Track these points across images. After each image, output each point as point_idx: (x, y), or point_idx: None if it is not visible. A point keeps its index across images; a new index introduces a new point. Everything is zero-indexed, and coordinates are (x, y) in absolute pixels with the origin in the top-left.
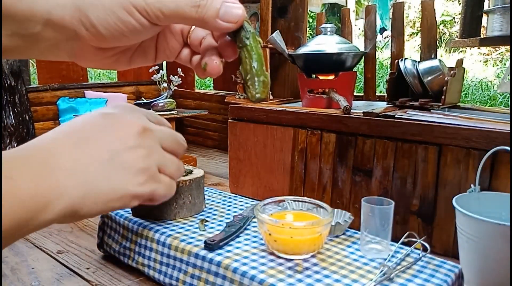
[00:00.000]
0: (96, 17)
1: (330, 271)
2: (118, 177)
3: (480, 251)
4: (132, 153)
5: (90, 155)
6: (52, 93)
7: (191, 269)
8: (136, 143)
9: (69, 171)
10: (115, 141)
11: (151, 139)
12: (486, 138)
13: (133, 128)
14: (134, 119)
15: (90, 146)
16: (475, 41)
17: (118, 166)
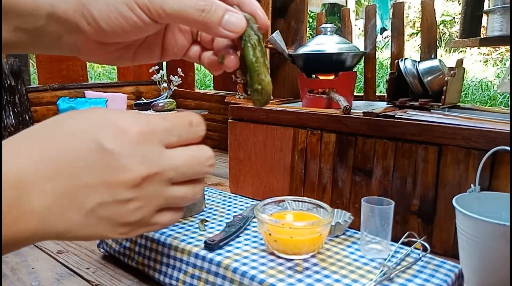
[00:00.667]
0: (98, 11)
1: (330, 271)
2: (97, 228)
3: (480, 251)
4: (119, 207)
5: (70, 200)
6: (52, 93)
7: (191, 269)
8: (128, 197)
9: (41, 216)
10: (102, 190)
11: (154, 186)
12: (486, 138)
13: (130, 178)
14: (135, 164)
15: (71, 190)
16: (475, 41)
17: (99, 219)
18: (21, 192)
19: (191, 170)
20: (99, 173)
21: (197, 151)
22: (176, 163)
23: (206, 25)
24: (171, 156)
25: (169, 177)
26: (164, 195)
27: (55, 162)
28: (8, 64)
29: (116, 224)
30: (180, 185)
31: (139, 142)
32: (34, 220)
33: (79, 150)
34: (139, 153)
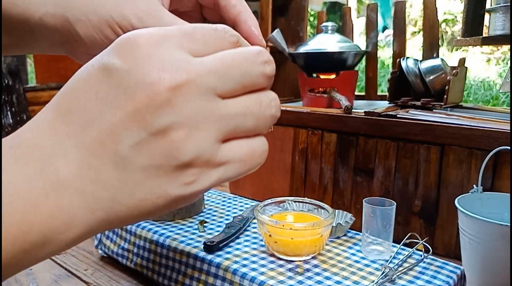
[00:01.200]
0: (83, 32)
1: (331, 273)
2: (151, 185)
3: (483, 252)
4: (160, 142)
5: (99, 154)
6: (50, 93)
7: (190, 270)
8: (163, 123)
9: (75, 188)
10: (129, 126)
11: (192, 99)
12: (489, 138)
13: (152, 94)
14: (153, 73)
15: (96, 139)
16: (477, 40)
17: (144, 169)
18: (43, 161)
19: (238, 69)
20: (116, 104)
21: (239, 49)
22: (214, 64)
23: None
24: (203, 59)
25: (210, 85)
26: (215, 112)
27: (66, 112)
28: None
29: (170, 170)
30: (235, 97)
31: (152, 47)
32: (69, 195)
33: (88, 86)
34: (154, 59)
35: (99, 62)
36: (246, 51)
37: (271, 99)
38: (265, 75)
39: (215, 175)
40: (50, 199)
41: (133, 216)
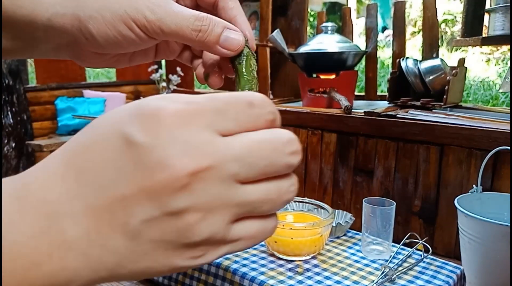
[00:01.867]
0: (96, 29)
1: (331, 273)
2: (156, 257)
3: (482, 252)
4: (173, 222)
5: (109, 221)
6: (50, 93)
7: (190, 270)
8: (179, 206)
9: (80, 249)
10: (143, 202)
11: (211, 186)
12: (488, 138)
13: (171, 177)
14: (175, 156)
15: (107, 206)
16: (477, 40)
17: (152, 242)
18: (50, 219)
19: (264, 159)
20: (133, 178)
21: (270, 134)
22: (238, 151)
23: (203, 44)
24: (229, 143)
25: (232, 172)
26: (233, 198)
27: (79, 174)
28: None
29: (178, 247)
30: (256, 183)
31: (178, 127)
32: (73, 256)
33: (105, 152)
34: (178, 140)
35: (119, 129)
36: (276, 139)
37: (291, 184)
38: (290, 166)
39: (223, 250)
40: (54, 259)
41: (135, 277)
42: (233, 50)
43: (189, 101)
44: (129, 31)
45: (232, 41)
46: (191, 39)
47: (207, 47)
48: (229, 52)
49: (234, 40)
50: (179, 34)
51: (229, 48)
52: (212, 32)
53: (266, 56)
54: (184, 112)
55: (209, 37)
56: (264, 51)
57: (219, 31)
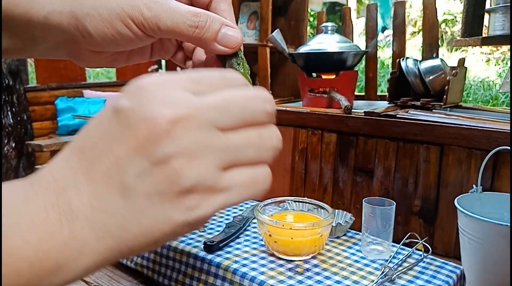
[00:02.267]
0: (93, 27)
1: (331, 272)
2: (155, 212)
3: (482, 252)
4: (162, 171)
5: (108, 185)
6: (50, 93)
7: (190, 270)
8: (164, 152)
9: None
10: (134, 158)
11: (193, 132)
12: (488, 138)
13: (154, 128)
14: (156, 110)
15: (105, 172)
16: (477, 40)
17: (148, 197)
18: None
19: (240, 107)
20: (122, 139)
21: (242, 90)
22: (214, 101)
23: (201, 41)
24: (205, 97)
25: (211, 120)
26: (215, 143)
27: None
28: (6, 63)
29: (173, 196)
30: (237, 130)
31: (158, 90)
32: (80, 224)
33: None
34: (158, 98)
35: (111, 104)
36: (247, 91)
37: (272, 132)
38: (265, 112)
39: (218, 200)
40: (65, 228)
41: (141, 244)
42: (231, 47)
43: (166, 75)
44: (126, 29)
45: (230, 38)
46: (188, 35)
47: (205, 44)
48: (226, 49)
49: (232, 37)
50: (176, 31)
51: (227, 45)
52: (210, 29)
53: (266, 56)
54: (162, 79)
55: (207, 34)
56: (264, 51)
57: (216, 27)
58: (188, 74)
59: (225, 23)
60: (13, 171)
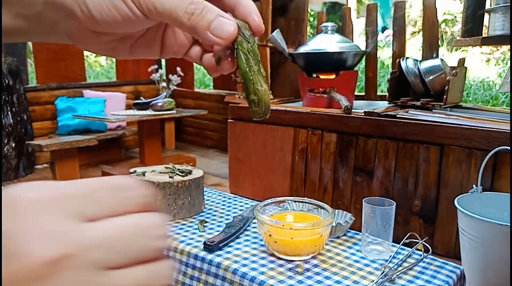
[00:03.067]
0: (91, 2)
1: (331, 273)
2: None
3: (482, 252)
4: None
5: None
6: (50, 93)
7: (191, 270)
8: None
9: None
10: None
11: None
12: (488, 138)
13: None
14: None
15: None
16: (477, 40)
17: None
18: None
19: (129, 245)
20: (5, 267)
21: (135, 219)
22: (102, 238)
23: (194, 29)
24: (93, 229)
25: (96, 259)
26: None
27: None
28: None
29: None
30: (125, 268)
31: (38, 214)
32: None
33: None
34: (37, 228)
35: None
36: (143, 223)
37: (162, 268)
38: (155, 250)
39: None
40: None
41: None
42: (222, 38)
43: (50, 188)
44: (123, 4)
45: (222, 29)
46: (182, 21)
47: (198, 33)
48: (219, 40)
49: (224, 28)
50: (172, 15)
51: (219, 35)
52: (204, 17)
53: (266, 56)
54: (44, 198)
55: (200, 22)
56: (264, 51)
57: (211, 17)
58: (76, 188)
59: (221, 14)
60: (13, 171)
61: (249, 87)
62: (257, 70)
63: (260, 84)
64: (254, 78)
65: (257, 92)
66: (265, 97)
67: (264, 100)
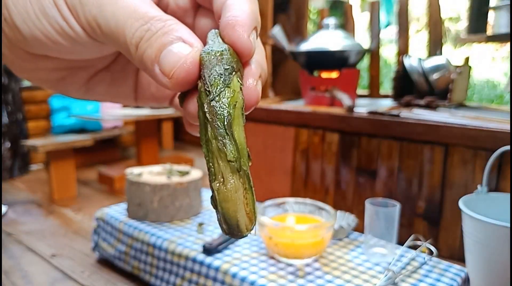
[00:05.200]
0: (13, 3)
1: (333, 276)
2: None
3: (487, 255)
4: None
5: None
6: (45, 92)
7: (189, 273)
8: None
9: None
10: None
11: None
12: (494, 138)
13: None
14: None
15: None
16: (482, 37)
17: None
18: None
19: None
20: None
21: None
22: None
23: (141, 63)
24: None
25: None
26: None
27: None
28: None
29: None
30: None
31: None
32: None
33: None
34: None
35: None
36: None
37: None
38: None
39: None
40: None
41: None
42: (167, 77)
43: None
44: (55, 11)
45: (167, 62)
46: (129, 52)
47: (145, 69)
48: (165, 81)
49: (169, 61)
50: (120, 40)
51: (164, 71)
52: (156, 41)
53: (266, 54)
54: None
55: (148, 50)
56: (264, 49)
57: (165, 40)
58: None
59: (184, 37)
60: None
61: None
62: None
63: (221, 176)
64: (211, 162)
65: (213, 189)
66: (225, 204)
67: (223, 208)
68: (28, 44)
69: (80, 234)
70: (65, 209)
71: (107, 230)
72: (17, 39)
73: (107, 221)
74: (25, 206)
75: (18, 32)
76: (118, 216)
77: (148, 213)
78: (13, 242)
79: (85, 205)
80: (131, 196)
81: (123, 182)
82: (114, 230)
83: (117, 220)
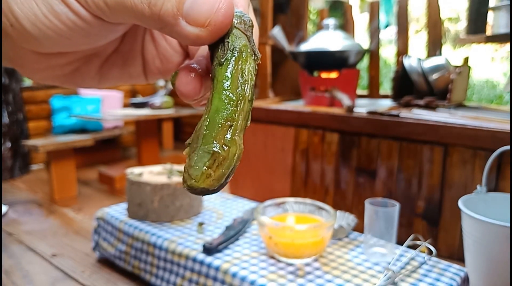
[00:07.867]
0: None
1: (332, 276)
2: None
3: (487, 254)
4: None
5: None
6: (46, 92)
7: (189, 273)
8: None
9: None
10: None
11: None
12: (493, 138)
13: None
14: None
15: None
16: (482, 38)
17: None
18: None
19: None
20: None
21: None
22: None
23: (159, 20)
24: None
25: None
26: None
27: None
28: None
29: None
30: None
31: None
32: None
33: None
34: None
35: None
36: None
37: None
38: None
39: None
40: None
41: None
42: (202, 26)
43: None
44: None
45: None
46: (142, 12)
47: (166, 24)
48: (197, 30)
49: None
50: (127, 7)
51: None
52: None
53: (266, 55)
54: None
55: (167, 4)
56: (264, 49)
57: None
58: None
59: None
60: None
61: (213, 128)
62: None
63: (238, 132)
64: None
65: (227, 144)
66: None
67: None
68: (41, 45)
69: (81, 234)
70: (66, 209)
71: (107, 230)
72: (28, 43)
73: (107, 221)
74: (25, 206)
75: (29, 35)
76: (118, 216)
77: (149, 213)
78: (14, 242)
79: (85, 205)
80: (131, 196)
81: (124, 182)
82: (115, 229)
83: (118, 219)
